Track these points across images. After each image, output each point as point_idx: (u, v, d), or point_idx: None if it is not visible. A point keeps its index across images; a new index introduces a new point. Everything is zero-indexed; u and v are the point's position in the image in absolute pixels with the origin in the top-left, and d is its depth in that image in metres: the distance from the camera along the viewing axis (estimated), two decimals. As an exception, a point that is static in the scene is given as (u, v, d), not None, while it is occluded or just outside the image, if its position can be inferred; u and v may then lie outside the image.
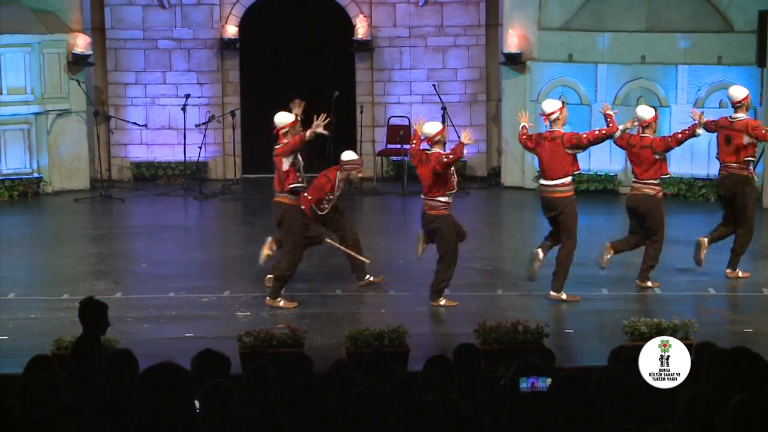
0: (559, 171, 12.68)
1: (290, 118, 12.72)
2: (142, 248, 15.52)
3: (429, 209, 12.50)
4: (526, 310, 12.16)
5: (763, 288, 13.15)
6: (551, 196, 12.75)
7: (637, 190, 13.08)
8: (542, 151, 12.79)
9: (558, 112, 12.81)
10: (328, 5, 19.82)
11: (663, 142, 12.99)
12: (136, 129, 19.54)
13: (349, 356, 10.28)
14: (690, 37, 17.98)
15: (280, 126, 12.66)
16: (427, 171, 12.42)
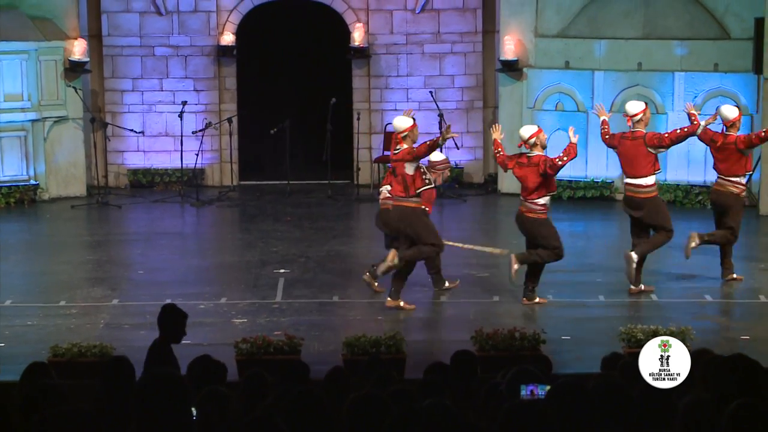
0: (641, 170, 13.01)
1: (409, 122, 12.69)
2: (139, 255, 15.52)
3: (527, 211, 12.67)
4: (523, 317, 12.16)
5: (760, 294, 13.15)
6: (635, 196, 13.08)
7: (720, 186, 13.41)
8: (624, 150, 13.13)
9: (641, 113, 13.13)
10: (325, 12, 19.84)
11: (746, 140, 13.29)
12: (133, 136, 19.53)
13: (345, 363, 10.27)
14: (686, 44, 18.00)
15: (399, 130, 12.65)
16: (529, 174, 12.57)
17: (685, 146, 17.85)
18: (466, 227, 17.41)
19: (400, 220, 12.58)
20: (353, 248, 15.72)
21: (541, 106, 18.68)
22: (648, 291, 13.08)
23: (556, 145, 18.51)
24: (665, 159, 18.01)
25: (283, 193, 18.87)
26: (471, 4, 19.73)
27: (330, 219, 17.30)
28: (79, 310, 12.79)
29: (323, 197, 18.54)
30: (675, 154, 17.97)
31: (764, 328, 11.39)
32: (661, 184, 17.87)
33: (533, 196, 12.60)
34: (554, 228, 12.83)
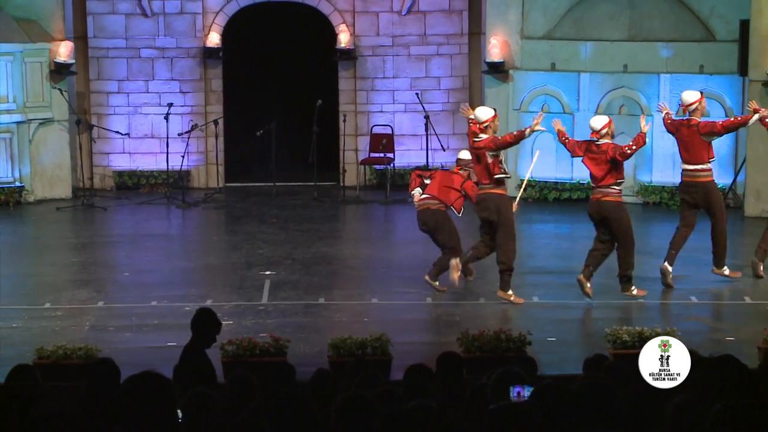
0: (697, 157, 13.52)
1: (491, 112, 13.21)
2: (124, 257, 15.49)
3: (603, 196, 13.06)
4: (509, 319, 12.17)
5: (745, 296, 13.19)
6: (695, 180, 13.58)
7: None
8: (681, 136, 13.66)
9: (697, 103, 13.59)
10: (311, 14, 19.83)
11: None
12: (119, 138, 19.50)
13: (331, 365, 10.27)
14: (672, 46, 18.04)
15: (481, 120, 13.06)
16: (598, 161, 13.01)
17: (671, 148, 17.92)
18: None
19: (494, 209, 13.05)
20: (339, 250, 15.72)
21: (527, 108, 18.70)
22: (733, 276, 13.62)
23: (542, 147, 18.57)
24: (650, 161, 18.06)
25: (269, 194, 18.86)
26: (457, 6, 19.75)
27: (316, 221, 17.29)
28: (64, 312, 12.76)
29: (309, 199, 18.54)
30: (661, 155, 18.02)
31: (750, 329, 11.41)
32: (647, 185, 17.94)
33: (605, 182, 13.05)
34: (628, 214, 13.40)
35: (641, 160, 18.11)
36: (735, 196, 17.71)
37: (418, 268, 14.50)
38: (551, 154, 18.55)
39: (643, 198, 18.04)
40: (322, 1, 19.76)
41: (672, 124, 13.80)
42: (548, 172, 18.53)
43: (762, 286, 13.54)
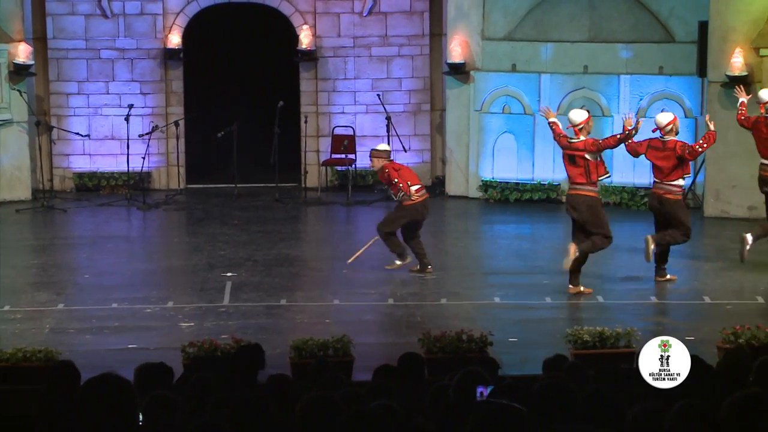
0: None
1: (585, 115, 13.48)
2: (85, 259, 15.41)
3: (665, 193, 13.45)
4: (470, 319, 12.19)
5: (704, 295, 13.27)
6: None
7: None
8: (758, 132, 14.08)
9: None
10: (272, 15, 19.80)
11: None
12: (79, 139, 19.40)
13: (293, 366, 10.26)
14: (632, 47, 18.13)
15: (576, 123, 13.32)
16: (665, 158, 13.37)
17: (630, 149, 18.01)
18: (414, 230, 17.41)
19: (585, 210, 13.28)
20: (301, 251, 15.70)
21: (488, 109, 18.74)
22: None
23: (503, 147, 18.65)
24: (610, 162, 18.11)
25: (230, 196, 18.82)
26: (418, 7, 19.77)
27: (277, 222, 17.26)
28: (23, 314, 12.68)
29: (271, 200, 18.50)
30: (621, 156, 18.09)
31: (709, 329, 11.48)
32: (607, 186, 18.02)
33: (670, 178, 13.39)
34: (688, 210, 13.84)
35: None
36: (694, 196, 17.82)
37: (379, 269, 14.52)
38: (512, 155, 18.62)
39: (604, 198, 18.08)
40: (283, 2, 19.73)
41: (747, 120, 14.29)
42: (509, 173, 18.58)
43: (721, 286, 13.62)
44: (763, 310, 12.65)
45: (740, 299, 13.14)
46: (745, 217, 16.90)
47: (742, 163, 17.03)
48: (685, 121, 17.93)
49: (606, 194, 18.06)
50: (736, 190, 17.10)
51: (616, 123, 18.09)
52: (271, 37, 19.99)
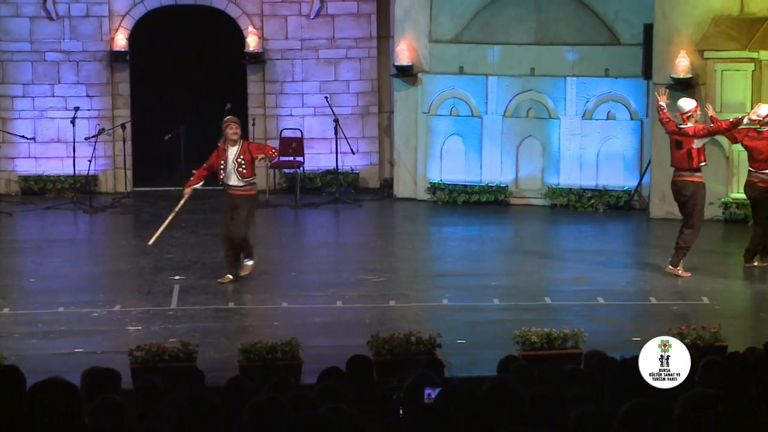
0: None
1: (693, 103, 14.07)
2: (31, 263, 15.29)
3: (760, 181, 14.15)
4: (419, 321, 12.21)
5: (650, 296, 13.36)
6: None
7: None
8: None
9: None
10: (220, 18, 19.73)
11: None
12: (24, 142, 19.24)
13: (241, 369, 10.23)
14: (578, 49, 18.24)
15: (684, 110, 13.89)
16: (761, 146, 14.04)
17: (577, 150, 18.14)
18: (363, 232, 17.45)
19: (690, 195, 13.87)
20: (249, 254, 15.63)
21: (436, 111, 18.78)
22: None
23: (451, 150, 18.70)
24: (558, 164, 18.24)
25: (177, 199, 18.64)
26: (365, 9, 19.79)
27: (225, 225, 17.17)
28: (-31, 319, 12.56)
29: (219, 203, 18.41)
30: (568, 158, 18.21)
31: (655, 329, 11.54)
32: (554, 188, 18.11)
33: (764, 166, 14.03)
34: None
35: (549, 163, 18.28)
36: (640, 198, 17.95)
37: (327, 272, 14.53)
38: (460, 157, 18.67)
39: (551, 200, 18.21)
40: (230, 5, 19.67)
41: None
42: (457, 175, 18.63)
43: (667, 286, 13.73)
44: (708, 310, 12.76)
45: (686, 300, 13.25)
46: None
47: (688, 164, 17.19)
48: (631, 123, 18.07)
49: (553, 196, 18.17)
50: (682, 191, 17.22)
51: (563, 125, 18.20)
52: (219, 40, 19.92)
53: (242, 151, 13.79)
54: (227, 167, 13.71)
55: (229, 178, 13.75)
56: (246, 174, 13.76)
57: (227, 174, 13.73)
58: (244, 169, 13.73)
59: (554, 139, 18.30)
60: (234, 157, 13.71)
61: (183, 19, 19.80)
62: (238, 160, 13.68)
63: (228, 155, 13.73)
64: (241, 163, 13.69)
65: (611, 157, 18.10)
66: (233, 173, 13.72)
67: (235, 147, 13.77)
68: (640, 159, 17.98)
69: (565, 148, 18.22)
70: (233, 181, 13.75)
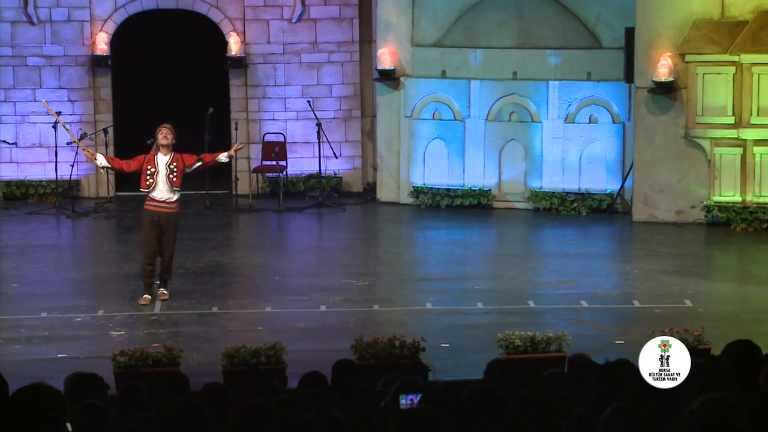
0: None
1: None
2: (13, 268, 15.23)
3: None
4: (403, 325, 12.22)
5: (634, 299, 13.39)
6: None
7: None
8: None
9: None
10: (201, 22, 19.71)
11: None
12: (6, 147, 19.19)
13: (225, 374, 10.22)
14: (560, 53, 18.27)
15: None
16: None
17: (560, 154, 18.18)
18: (346, 236, 17.45)
19: None
20: (232, 259, 15.64)
21: (419, 115, 18.79)
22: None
23: (434, 153, 18.70)
24: (541, 167, 18.27)
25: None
26: (347, 13, 19.79)
27: (209, 229, 17.19)
28: (-49, 325, 12.52)
29: (201, 207, 18.41)
30: (550, 162, 18.24)
31: (638, 332, 11.59)
32: (537, 191, 18.14)
33: None
34: None
35: (532, 167, 18.31)
36: (623, 201, 17.99)
37: (311, 276, 14.52)
38: (443, 161, 18.68)
39: (534, 204, 18.23)
40: (212, 9, 19.66)
41: None
42: (440, 179, 18.64)
43: (650, 290, 13.76)
44: (691, 313, 12.79)
45: (668, 303, 13.27)
46: (673, 222, 17.10)
47: (670, 168, 17.24)
48: (613, 127, 18.11)
49: (536, 200, 18.19)
50: (664, 194, 17.29)
51: (546, 129, 18.23)
52: (201, 44, 19.90)
53: (174, 159, 13.14)
54: (158, 173, 13.03)
55: (156, 186, 13.03)
56: (176, 183, 13.06)
57: (156, 181, 13.02)
58: (175, 177, 13.04)
59: (537, 143, 18.33)
60: (166, 163, 13.08)
61: (165, 23, 19.78)
62: (170, 166, 13.05)
63: (158, 162, 13.08)
64: (173, 170, 13.04)
65: (594, 161, 18.14)
66: (163, 181, 13.04)
67: (167, 155, 13.11)
68: (623, 162, 18.01)
69: (547, 152, 18.25)
70: (161, 189, 13.03)
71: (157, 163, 13.07)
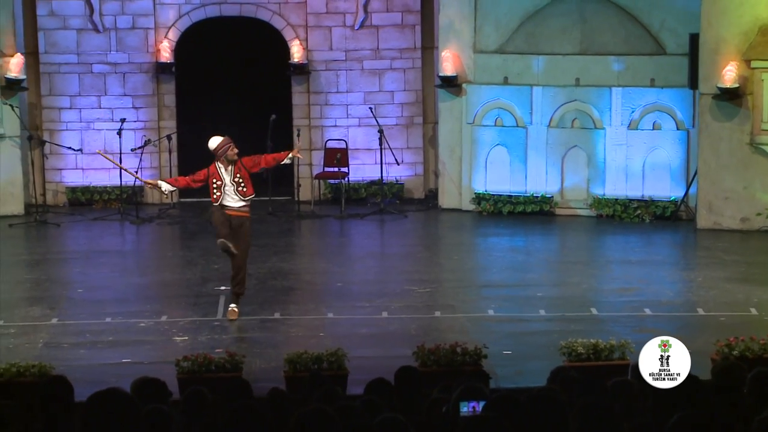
0: None
1: None
2: (78, 273, 15.39)
3: None
4: (465, 332, 12.19)
5: (698, 308, 13.28)
6: None
7: None
8: None
9: None
10: (264, 29, 19.81)
11: None
12: (71, 153, 19.38)
13: (287, 380, 10.25)
14: (623, 59, 18.16)
15: None
16: None
17: (623, 161, 18.07)
18: (408, 242, 17.44)
19: None
20: (294, 265, 15.69)
21: (481, 122, 18.76)
22: None
23: (496, 160, 18.66)
24: (603, 174, 18.18)
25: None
26: (410, 20, 19.80)
27: (271, 236, 17.25)
28: (17, 329, 12.66)
29: (264, 214, 18.48)
30: (613, 168, 18.14)
31: (703, 340, 11.48)
32: (600, 198, 18.05)
33: None
34: None
35: (594, 173, 18.22)
36: (687, 208, 17.85)
37: (373, 283, 14.53)
38: (505, 168, 18.63)
39: (597, 211, 18.14)
40: (274, 16, 19.75)
41: None
42: (502, 186, 18.59)
43: (714, 298, 13.64)
44: (757, 321, 12.66)
45: (734, 311, 13.14)
46: (738, 229, 16.94)
47: (735, 175, 17.08)
48: (677, 133, 17.98)
49: (599, 206, 18.09)
50: (729, 201, 17.13)
51: (609, 135, 18.13)
52: (263, 51, 20.00)
53: (237, 169, 12.97)
54: (225, 186, 12.94)
55: (226, 199, 12.96)
56: (247, 192, 12.97)
57: (224, 193, 12.93)
58: (244, 188, 12.95)
59: (600, 150, 18.23)
60: (231, 178, 12.94)
61: (228, 30, 19.90)
62: (236, 179, 12.93)
63: (224, 175, 12.97)
64: (240, 182, 12.95)
65: (657, 168, 18.01)
66: (234, 194, 12.96)
67: (230, 166, 12.98)
68: (687, 169, 17.87)
69: (610, 159, 18.16)
70: (231, 199, 12.96)
71: (222, 176, 12.96)
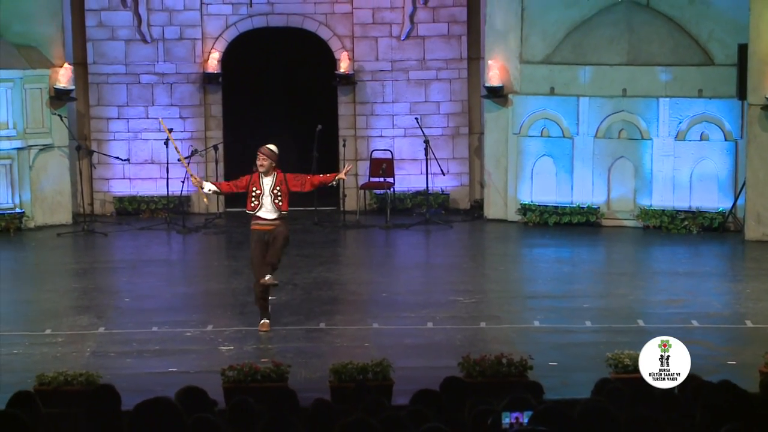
0: None
1: None
2: (125, 282, 15.48)
3: None
4: (510, 343, 12.16)
5: (746, 320, 13.17)
6: None
7: None
8: None
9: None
10: (311, 39, 19.87)
11: None
12: (119, 163, 19.51)
13: (332, 390, 10.25)
14: (671, 70, 18.08)
15: None
16: None
17: (670, 172, 17.97)
18: (453, 253, 17.42)
19: None
20: (340, 275, 15.71)
21: (527, 132, 18.72)
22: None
23: (542, 171, 18.61)
24: (650, 185, 18.08)
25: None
26: (456, 31, 19.80)
27: (316, 246, 17.29)
28: (65, 338, 12.75)
29: (310, 224, 18.54)
30: (660, 179, 18.04)
31: (751, 353, 11.40)
32: (647, 209, 17.95)
33: None
34: None
35: (641, 184, 18.13)
36: (735, 219, 17.72)
37: (418, 293, 14.52)
38: (551, 178, 18.58)
39: (644, 222, 18.05)
40: (321, 27, 19.81)
41: None
42: (548, 197, 18.53)
43: (763, 309, 13.53)
44: (806, 334, 12.55)
45: (782, 323, 13.04)
46: (787, 241, 16.81)
47: (784, 185, 16.95)
48: (725, 144, 17.86)
49: (646, 218, 18.00)
50: (777, 213, 17.00)
51: (656, 146, 18.04)
52: (310, 61, 20.06)
53: (278, 182, 12.80)
54: (263, 195, 12.78)
55: (261, 209, 12.80)
56: (282, 207, 12.76)
57: (261, 202, 12.78)
58: (280, 202, 12.75)
59: (647, 161, 18.14)
60: (270, 188, 12.81)
61: (274, 41, 19.98)
62: (274, 191, 12.77)
63: (263, 184, 12.84)
64: (278, 195, 12.76)
65: (705, 179, 17.90)
66: (269, 205, 12.77)
67: (270, 177, 12.82)
68: (735, 180, 17.75)
69: (657, 170, 18.06)
70: (267, 210, 12.78)
71: (263, 185, 12.86)
